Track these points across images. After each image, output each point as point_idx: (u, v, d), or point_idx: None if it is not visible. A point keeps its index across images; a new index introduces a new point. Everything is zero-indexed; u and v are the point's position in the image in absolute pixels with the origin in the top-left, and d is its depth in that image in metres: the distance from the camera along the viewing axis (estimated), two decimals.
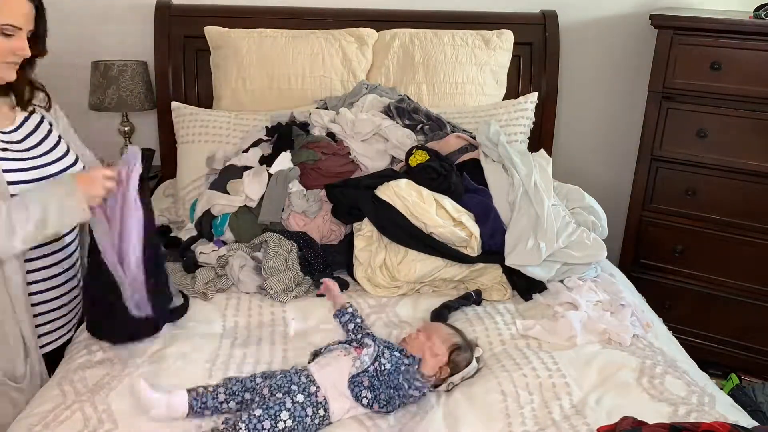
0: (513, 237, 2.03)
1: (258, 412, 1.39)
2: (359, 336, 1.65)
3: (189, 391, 1.46)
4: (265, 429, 1.37)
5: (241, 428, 1.36)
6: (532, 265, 1.97)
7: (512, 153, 2.19)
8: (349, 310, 1.74)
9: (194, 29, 2.75)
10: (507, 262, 2.00)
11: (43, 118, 1.80)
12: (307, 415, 1.42)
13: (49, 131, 1.79)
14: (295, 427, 1.40)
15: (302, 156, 2.24)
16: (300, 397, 1.43)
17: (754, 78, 2.43)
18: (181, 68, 2.80)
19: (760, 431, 1.44)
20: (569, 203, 2.21)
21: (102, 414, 1.44)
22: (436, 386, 1.59)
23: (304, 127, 2.39)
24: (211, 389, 1.48)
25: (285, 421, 1.39)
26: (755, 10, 2.53)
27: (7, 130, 1.70)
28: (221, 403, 1.46)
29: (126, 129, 2.87)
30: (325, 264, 2.06)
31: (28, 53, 1.62)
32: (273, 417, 1.38)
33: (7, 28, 1.57)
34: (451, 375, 1.59)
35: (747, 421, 1.51)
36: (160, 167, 2.89)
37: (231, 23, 2.75)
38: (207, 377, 1.58)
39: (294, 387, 1.45)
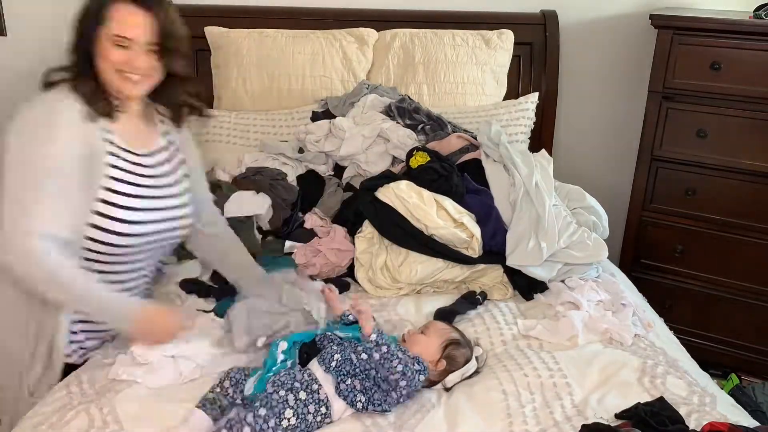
0: (514, 237, 2.03)
1: (262, 411, 1.39)
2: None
3: (201, 406, 1.46)
4: (270, 428, 1.37)
5: (246, 431, 1.36)
6: (534, 265, 1.97)
7: (513, 153, 2.19)
8: (350, 317, 1.73)
9: (194, 29, 2.69)
10: (508, 263, 2.00)
11: (170, 142, 1.78)
12: (309, 413, 1.42)
13: (179, 162, 1.79)
14: (299, 425, 1.40)
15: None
16: (302, 395, 1.44)
17: (754, 78, 2.43)
18: None
19: (761, 431, 1.45)
20: (570, 203, 2.21)
21: (107, 416, 1.45)
22: (434, 383, 1.58)
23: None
24: (219, 389, 1.49)
25: (289, 419, 1.39)
26: (755, 10, 2.53)
27: (140, 152, 1.69)
28: (233, 397, 1.48)
29: None
30: None
31: (138, 66, 1.57)
32: (277, 415, 1.39)
33: (120, 40, 1.54)
34: (450, 371, 1.59)
35: (748, 421, 1.51)
36: None
37: (230, 23, 2.75)
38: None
39: (297, 384, 1.45)
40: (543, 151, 2.34)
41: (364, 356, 1.50)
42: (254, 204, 2.20)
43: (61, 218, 1.53)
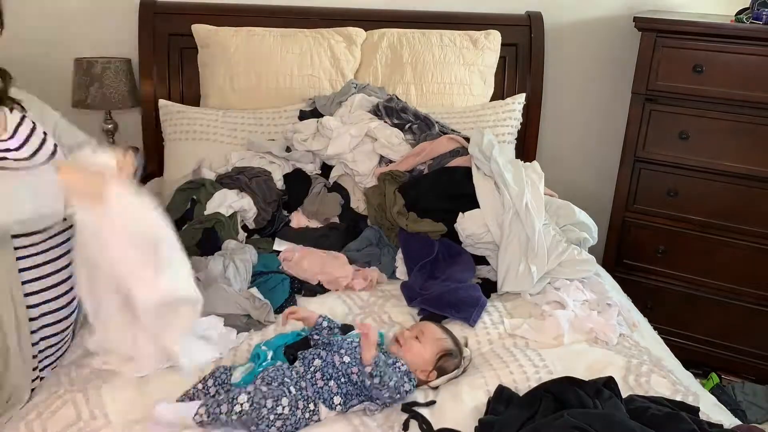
0: (504, 262, 2.03)
1: (264, 388, 1.40)
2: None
3: (180, 401, 1.46)
4: (266, 407, 1.38)
5: (243, 401, 1.36)
6: (525, 290, 1.98)
7: (504, 169, 2.16)
8: (324, 324, 1.66)
9: (179, 27, 2.73)
10: (500, 291, 2.02)
11: (24, 117, 1.56)
12: (299, 408, 1.44)
13: (43, 139, 1.58)
14: (289, 417, 1.41)
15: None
16: (293, 389, 1.45)
17: (736, 81, 2.46)
18: (165, 66, 2.78)
19: (741, 430, 1.47)
20: (560, 220, 2.19)
21: (94, 408, 1.45)
22: (421, 383, 1.59)
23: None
24: (200, 386, 1.49)
25: (284, 407, 1.40)
26: (737, 14, 2.57)
27: (3, 137, 1.49)
28: (213, 395, 1.47)
29: (109, 127, 2.85)
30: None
31: None
32: (276, 398, 1.40)
33: None
34: (437, 377, 1.60)
35: (730, 419, 1.54)
36: (144, 166, 2.87)
37: (216, 21, 2.73)
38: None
39: (287, 380, 1.47)
40: (535, 163, 2.32)
41: (346, 359, 1.51)
42: (237, 203, 2.21)
43: None
